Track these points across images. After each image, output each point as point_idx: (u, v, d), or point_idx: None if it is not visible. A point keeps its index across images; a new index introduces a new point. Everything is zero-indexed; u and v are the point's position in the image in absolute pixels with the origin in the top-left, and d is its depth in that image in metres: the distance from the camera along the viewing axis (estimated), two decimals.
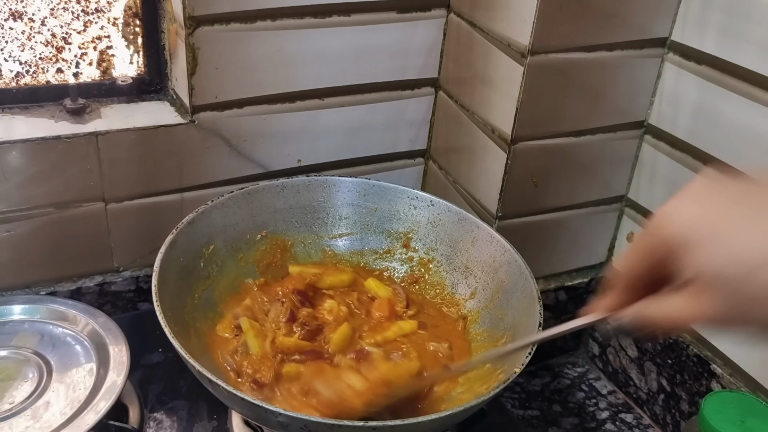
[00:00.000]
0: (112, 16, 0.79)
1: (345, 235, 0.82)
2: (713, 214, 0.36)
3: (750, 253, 0.34)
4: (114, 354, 0.70)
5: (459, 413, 0.56)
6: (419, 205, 0.81)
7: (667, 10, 0.78)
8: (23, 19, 0.75)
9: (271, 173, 0.86)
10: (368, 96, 0.87)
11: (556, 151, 0.81)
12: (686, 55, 0.78)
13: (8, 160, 0.73)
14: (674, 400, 0.83)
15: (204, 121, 0.80)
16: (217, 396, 0.58)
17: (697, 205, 0.37)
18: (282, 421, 0.54)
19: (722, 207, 0.36)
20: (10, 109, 0.78)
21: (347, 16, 0.81)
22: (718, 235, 0.35)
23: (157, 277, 0.64)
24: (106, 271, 0.83)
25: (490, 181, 0.83)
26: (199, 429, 0.72)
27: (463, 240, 0.78)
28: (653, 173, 0.85)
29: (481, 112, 0.83)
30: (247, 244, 0.77)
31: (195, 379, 0.58)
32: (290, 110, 0.84)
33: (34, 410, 0.65)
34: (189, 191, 0.83)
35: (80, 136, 0.75)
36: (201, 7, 0.74)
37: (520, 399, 0.89)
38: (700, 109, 0.77)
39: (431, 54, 0.88)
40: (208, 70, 0.77)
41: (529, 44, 0.73)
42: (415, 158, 0.96)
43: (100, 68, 0.81)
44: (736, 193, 0.37)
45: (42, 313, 0.76)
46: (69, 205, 0.78)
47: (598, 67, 0.78)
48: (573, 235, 0.89)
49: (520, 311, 0.69)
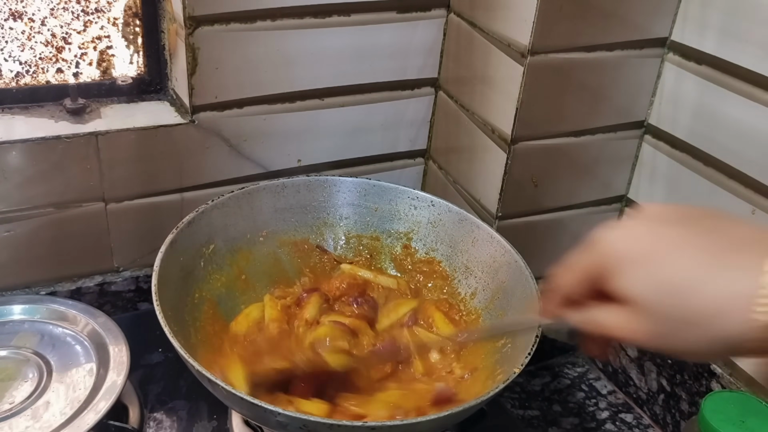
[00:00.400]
0: (112, 16, 0.79)
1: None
2: (646, 241, 0.37)
3: (677, 280, 0.35)
4: (114, 354, 0.70)
5: (459, 413, 0.56)
6: (420, 205, 0.81)
7: (667, 10, 0.78)
8: (23, 19, 0.75)
9: (271, 173, 0.86)
10: (368, 96, 0.87)
11: (556, 151, 0.81)
12: (686, 55, 0.78)
13: (8, 160, 0.73)
14: (674, 400, 0.83)
15: (204, 121, 0.80)
16: (216, 396, 0.58)
17: (632, 231, 0.39)
18: (281, 421, 0.54)
19: (655, 235, 0.37)
20: (10, 109, 0.78)
21: (347, 16, 0.81)
22: (649, 261, 0.37)
23: (157, 277, 0.64)
24: (106, 271, 0.83)
25: (490, 181, 0.83)
26: (199, 429, 0.72)
27: (464, 240, 0.78)
28: (653, 173, 0.85)
29: (481, 112, 0.83)
30: (248, 243, 0.77)
31: (195, 379, 0.58)
32: (290, 110, 0.84)
33: (34, 410, 0.65)
34: (189, 191, 0.83)
35: (80, 136, 0.75)
36: (201, 7, 0.74)
37: (520, 399, 0.89)
38: (700, 109, 0.77)
39: (431, 54, 0.88)
40: (208, 70, 0.77)
41: (529, 44, 0.73)
42: (415, 158, 0.96)
43: (100, 68, 0.81)
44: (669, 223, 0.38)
45: (42, 313, 0.76)
46: (69, 205, 0.78)
47: (598, 67, 0.78)
48: (573, 235, 0.89)
49: (521, 311, 0.69)
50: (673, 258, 0.36)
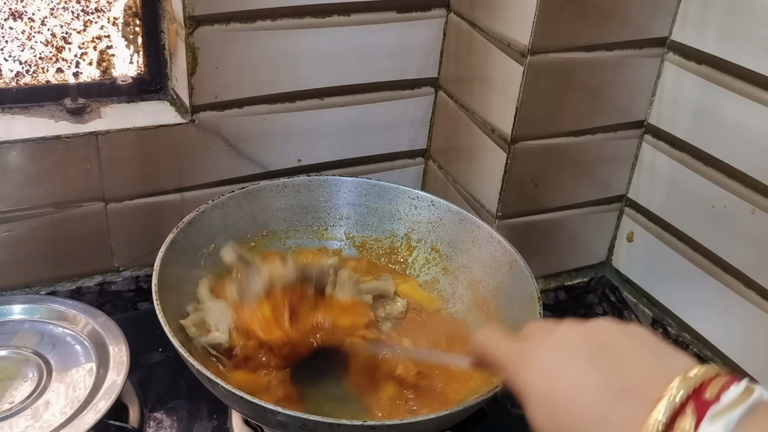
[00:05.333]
0: (112, 15, 0.79)
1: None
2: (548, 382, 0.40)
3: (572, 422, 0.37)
4: (114, 354, 0.70)
5: (459, 413, 0.56)
6: (420, 205, 0.81)
7: (667, 10, 0.78)
8: (23, 19, 0.75)
9: (271, 173, 0.86)
10: (368, 96, 0.87)
11: (556, 150, 0.81)
12: (686, 55, 0.78)
13: (8, 160, 0.73)
14: None
15: (204, 121, 0.80)
16: (216, 395, 0.58)
17: (542, 366, 0.41)
18: (281, 420, 0.54)
19: (561, 374, 0.39)
20: (10, 108, 0.78)
21: (347, 16, 0.81)
22: (546, 404, 0.39)
23: (157, 276, 0.64)
24: (106, 271, 0.83)
25: (490, 181, 0.83)
26: (199, 429, 0.72)
27: (464, 240, 0.78)
28: (653, 173, 0.85)
29: (480, 111, 0.83)
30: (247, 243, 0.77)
31: (195, 379, 0.58)
32: (290, 110, 0.84)
33: (34, 410, 0.65)
34: (189, 191, 0.83)
35: (80, 136, 0.75)
36: (201, 6, 0.74)
37: None
38: (700, 108, 0.77)
39: (431, 54, 0.88)
40: (208, 70, 0.77)
41: (528, 44, 0.73)
42: (415, 158, 0.96)
43: (100, 68, 0.81)
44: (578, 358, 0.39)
45: (42, 312, 0.76)
46: (69, 205, 0.78)
47: (598, 67, 0.78)
48: (573, 235, 0.89)
49: (520, 311, 0.69)
50: (573, 401, 0.37)
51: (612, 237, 0.92)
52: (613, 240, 0.92)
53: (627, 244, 0.91)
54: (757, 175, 0.72)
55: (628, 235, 0.90)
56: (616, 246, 0.93)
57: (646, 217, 0.87)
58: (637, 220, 0.88)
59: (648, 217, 0.87)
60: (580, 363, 0.39)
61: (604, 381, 0.37)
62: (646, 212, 0.87)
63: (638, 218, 0.88)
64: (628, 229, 0.90)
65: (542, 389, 0.40)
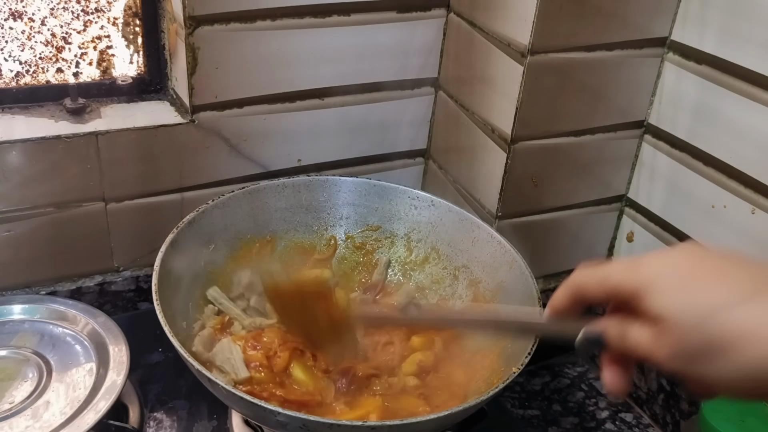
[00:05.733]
0: (112, 15, 0.79)
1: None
2: (687, 266, 0.42)
3: (704, 303, 0.39)
4: (114, 354, 0.70)
5: (459, 413, 0.56)
6: (420, 205, 0.81)
7: (667, 10, 0.78)
8: (23, 19, 0.75)
9: (271, 173, 0.86)
10: (368, 96, 0.87)
11: (556, 150, 0.81)
12: (686, 55, 0.78)
13: (8, 160, 0.73)
14: (674, 400, 0.83)
15: (204, 121, 0.80)
16: (216, 395, 0.58)
17: (676, 256, 0.43)
18: (281, 420, 0.54)
19: (696, 262, 0.42)
20: (10, 108, 0.78)
21: (347, 16, 0.81)
22: (687, 284, 0.41)
23: (157, 276, 0.64)
24: (106, 271, 0.83)
25: (490, 181, 0.83)
26: (199, 429, 0.72)
27: (464, 240, 0.78)
28: (653, 173, 0.85)
29: (481, 111, 0.83)
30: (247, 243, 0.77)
31: (195, 379, 0.58)
32: (290, 110, 0.84)
33: (34, 410, 0.65)
34: (189, 191, 0.83)
35: (80, 136, 0.75)
36: (201, 6, 0.74)
37: (520, 398, 0.89)
38: (700, 108, 0.77)
39: (431, 54, 0.88)
40: (208, 70, 0.77)
41: (528, 44, 0.73)
42: (415, 158, 0.96)
43: (100, 68, 0.81)
44: (711, 255, 0.42)
45: (42, 312, 0.76)
46: (69, 205, 0.78)
47: (598, 67, 0.78)
48: (573, 235, 0.89)
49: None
50: (709, 284, 0.39)
51: (612, 237, 0.92)
52: (613, 240, 0.92)
53: (627, 244, 0.91)
54: (757, 175, 0.72)
55: (628, 235, 0.90)
56: (616, 246, 0.93)
57: (646, 217, 0.87)
58: (637, 220, 0.88)
59: (648, 217, 0.87)
60: (715, 259, 0.41)
61: (740, 275, 0.39)
62: (646, 212, 0.87)
63: (638, 218, 0.88)
64: (628, 229, 0.90)
65: (676, 275, 0.41)
